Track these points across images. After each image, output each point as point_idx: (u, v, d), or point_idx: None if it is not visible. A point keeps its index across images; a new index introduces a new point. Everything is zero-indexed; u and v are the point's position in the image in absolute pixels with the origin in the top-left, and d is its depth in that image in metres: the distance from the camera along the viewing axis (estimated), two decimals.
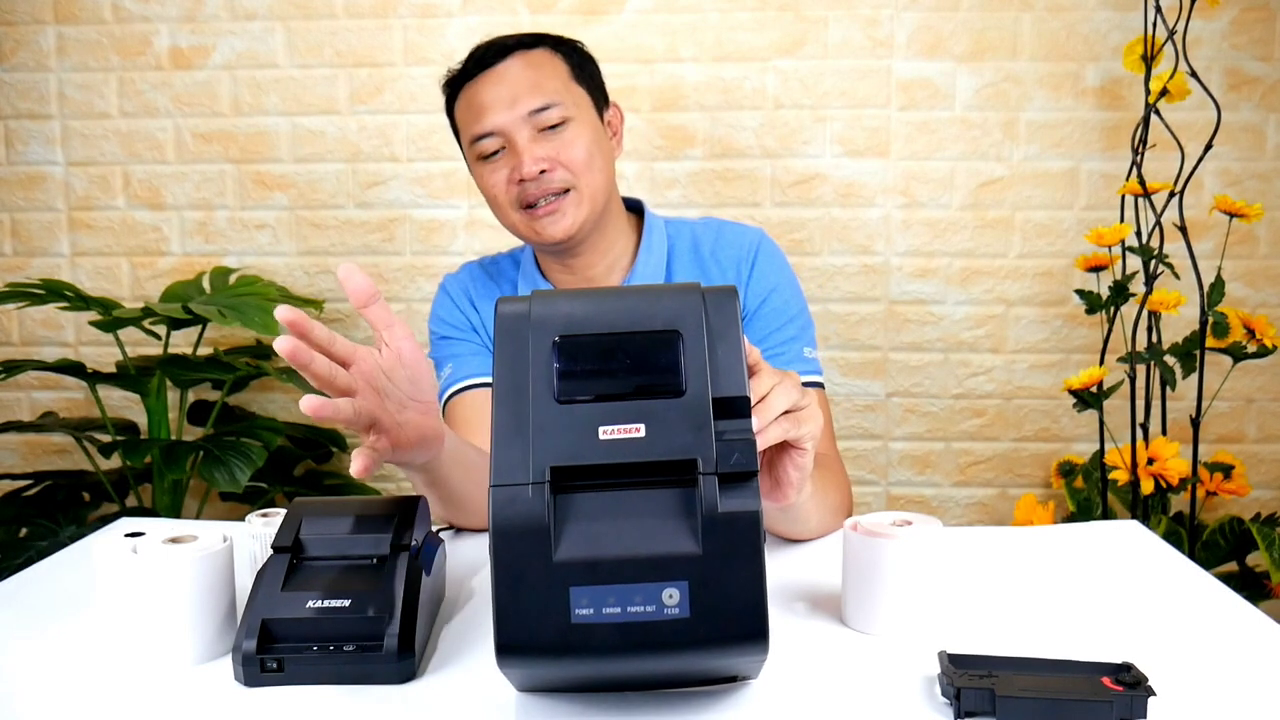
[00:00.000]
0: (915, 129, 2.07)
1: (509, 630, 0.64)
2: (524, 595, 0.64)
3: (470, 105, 1.25)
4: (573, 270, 1.33)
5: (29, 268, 2.18)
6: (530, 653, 0.64)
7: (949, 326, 2.12)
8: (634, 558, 0.64)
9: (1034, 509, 1.93)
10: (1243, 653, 0.79)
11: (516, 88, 1.22)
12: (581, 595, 0.63)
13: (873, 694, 0.72)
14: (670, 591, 0.63)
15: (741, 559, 0.64)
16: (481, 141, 1.24)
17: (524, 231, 1.26)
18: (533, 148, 1.21)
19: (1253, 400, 2.11)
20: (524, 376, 0.68)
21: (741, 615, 0.64)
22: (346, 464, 2.22)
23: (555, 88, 1.24)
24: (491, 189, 1.25)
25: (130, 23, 2.11)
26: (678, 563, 0.64)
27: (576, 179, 1.23)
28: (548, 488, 0.64)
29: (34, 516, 1.89)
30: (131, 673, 0.76)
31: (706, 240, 1.35)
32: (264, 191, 2.15)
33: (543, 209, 1.23)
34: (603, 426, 0.66)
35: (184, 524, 1.11)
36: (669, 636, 0.63)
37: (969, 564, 1.00)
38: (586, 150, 1.24)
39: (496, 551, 0.64)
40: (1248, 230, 2.06)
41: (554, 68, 1.26)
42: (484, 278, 1.40)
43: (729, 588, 0.63)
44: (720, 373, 0.68)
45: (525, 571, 0.64)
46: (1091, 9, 2.03)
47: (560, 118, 1.23)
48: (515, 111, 1.22)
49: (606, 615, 0.63)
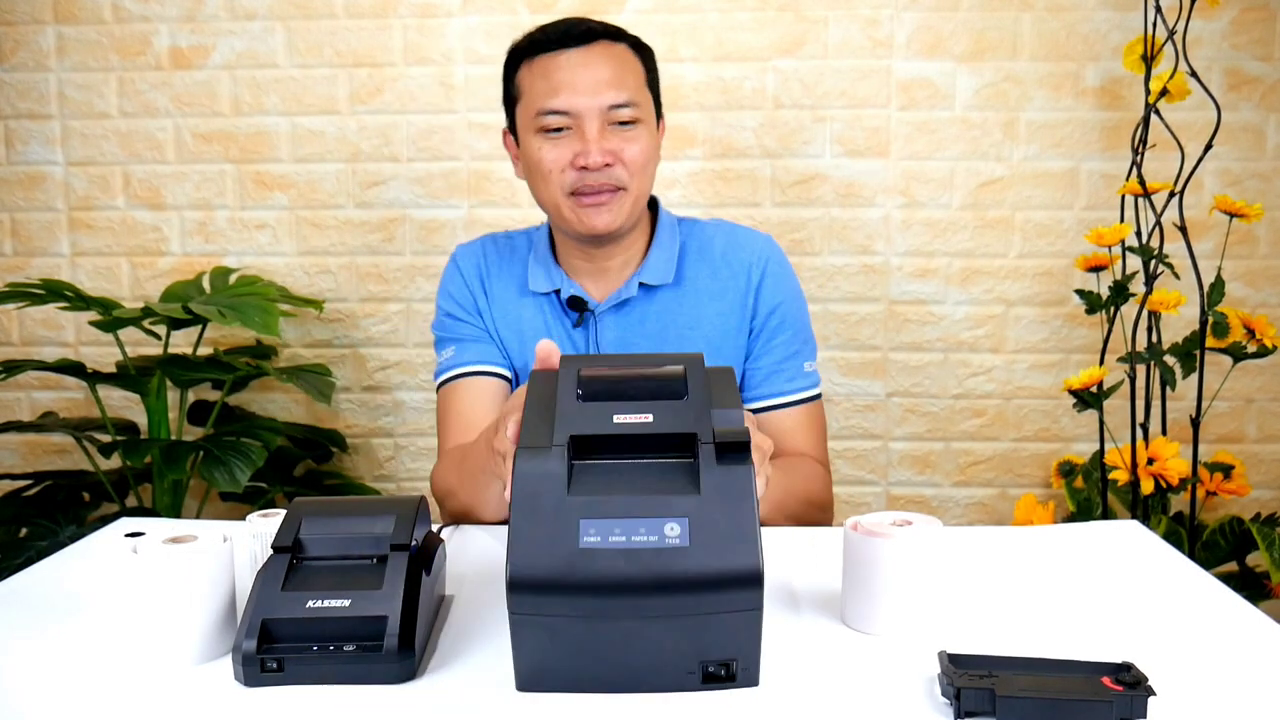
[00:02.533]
0: (915, 129, 2.07)
1: (520, 555, 0.69)
2: (537, 527, 0.70)
3: (548, 77, 1.25)
4: (591, 259, 1.34)
5: (29, 268, 2.18)
6: (539, 576, 0.69)
7: (949, 326, 2.12)
8: (639, 498, 0.72)
9: (1034, 509, 1.93)
10: (1243, 653, 0.79)
11: (601, 76, 1.23)
12: (590, 526, 0.70)
13: (873, 694, 0.72)
14: (672, 525, 0.70)
15: (737, 501, 0.71)
16: (551, 116, 1.24)
17: (565, 214, 1.27)
18: (602, 140, 1.23)
19: (1253, 400, 2.11)
20: (551, 392, 0.80)
21: (737, 544, 0.70)
22: (347, 464, 2.22)
23: (635, 87, 1.26)
24: (545, 163, 1.25)
25: (130, 23, 2.11)
26: (679, 503, 0.71)
27: (631, 180, 1.25)
28: (567, 450, 0.74)
29: (34, 516, 1.89)
30: (131, 673, 0.76)
31: (718, 242, 1.36)
32: (264, 191, 2.15)
33: (590, 199, 1.24)
34: (617, 415, 0.77)
35: (184, 524, 1.11)
36: (669, 558, 0.69)
37: (969, 564, 0.99)
38: (645, 154, 1.26)
39: (516, 494, 0.72)
40: (1248, 230, 2.06)
41: (634, 68, 1.28)
42: (496, 253, 1.40)
43: (726, 524, 0.70)
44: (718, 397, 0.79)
45: (540, 508, 0.71)
46: (1091, 9, 2.03)
47: (632, 117, 1.25)
48: (596, 100, 1.23)
49: (612, 543, 0.70)
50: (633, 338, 1.33)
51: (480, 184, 2.13)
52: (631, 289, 1.32)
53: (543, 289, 1.35)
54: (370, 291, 2.17)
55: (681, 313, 1.33)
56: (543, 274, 1.35)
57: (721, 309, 1.33)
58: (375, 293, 2.17)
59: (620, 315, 1.33)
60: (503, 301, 1.36)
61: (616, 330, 1.33)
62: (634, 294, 1.32)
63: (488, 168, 2.12)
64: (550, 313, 1.35)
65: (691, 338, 1.32)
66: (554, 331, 1.34)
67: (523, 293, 1.36)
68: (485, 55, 2.09)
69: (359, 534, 0.81)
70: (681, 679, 0.72)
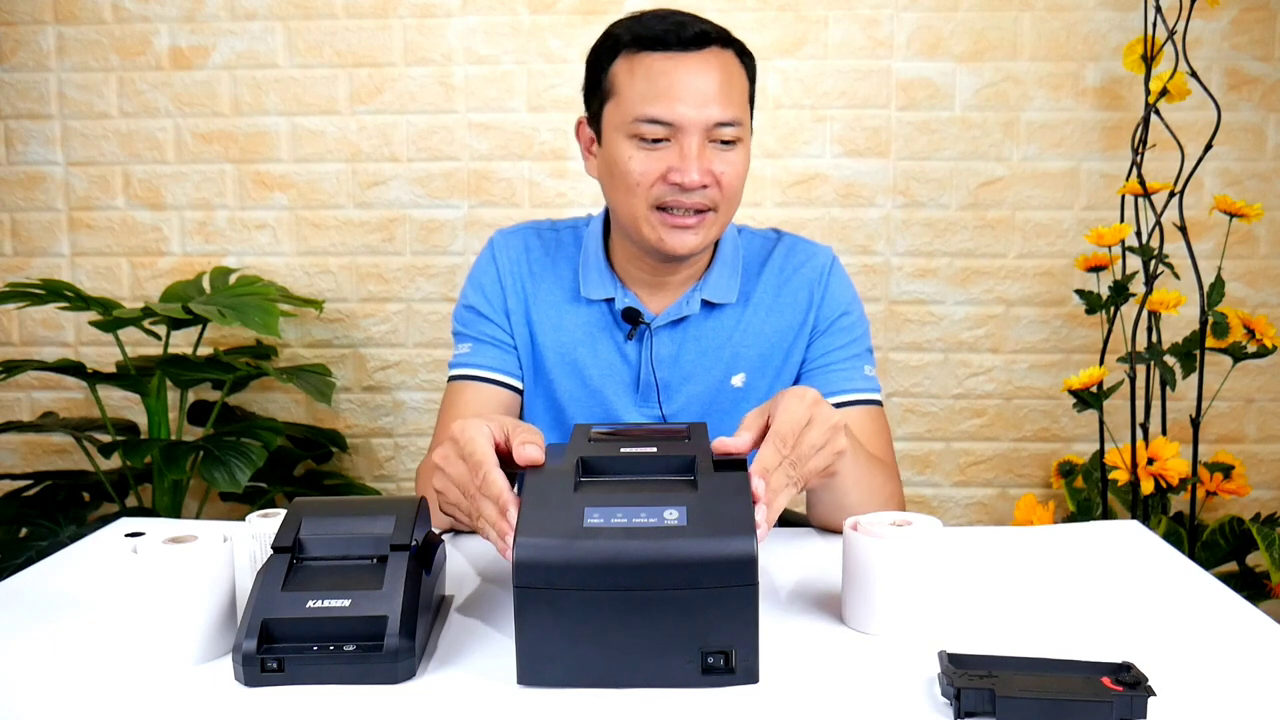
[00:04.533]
0: (915, 129, 2.07)
1: (526, 533, 0.73)
2: (544, 512, 0.75)
3: (651, 80, 1.13)
4: (654, 273, 1.25)
5: (29, 268, 2.18)
6: (543, 554, 0.72)
7: (949, 326, 2.12)
8: (641, 490, 0.77)
9: (1034, 509, 1.93)
10: (1243, 653, 0.79)
11: (711, 89, 1.13)
12: (594, 511, 0.75)
13: (873, 694, 0.72)
14: (671, 511, 0.74)
15: (734, 493, 0.76)
16: (651, 125, 1.13)
17: (644, 229, 1.17)
18: (702, 158, 1.13)
19: (1253, 400, 2.11)
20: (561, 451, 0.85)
21: (733, 523, 0.74)
22: (347, 464, 2.22)
23: (740, 104, 1.17)
24: (635, 174, 1.15)
25: (130, 23, 2.11)
26: (679, 495, 0.76)
27: (724, 203, 1.17)
28: (576, 469, 0.80)
29: (34, 516, 1.89)
30: (131, 673, 0.76)
31: (778, 257, 1.29)
32: (264, 191, 2.15)
33: (678, 219, 1.15)
34: (624, 447, 0.84)
35: (184, 524, 1.11)
36: (668, 533, 0.73)
37: (969, 564, 1.00)
38: (741, 177, 1.18)
39: (525, 490, 0.77)
40: (1248, 230, 2.06)
41: (740, 82, 1.18)
42: (542, 249, 1.31)
43: (723, 509, 0.75)
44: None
45: (547, 499, 0.76)
46: (1091, 9, 2.03)
47: (735, 136, 1.15)
48: (703, 115, 1.13)
49: (614, 523, 0.74)
50: (687, 355, 1.26)
51: (480, 184, 2.13)
52: (693, 305, 1.24)
53: (596, 296, 1.26)
54: (370, 291, 2.17)
55: (739, 330, 1.26)
56: (596, 280, 1.26)
57: (780, 326, 1.27)
58: (375, 293, 2.17)
59: (676, 331, 1.26)
60: (548, 304, 1.28)
61: (670, 346, 1.26)
62: (694, 311, 1.24)
63: (488, 168, 2.12)
64: (600, 322, 1.27)
65: (746, 355, 1.26)
66: (603, 342, 1.26)
67: (573, 298, 1.27)
68: (485, 55, 2.09)
69: (359, 534, 0.81)
70: (681, 670, 0.72)
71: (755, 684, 0.73)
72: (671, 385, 1.25)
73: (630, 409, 1.26)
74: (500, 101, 2.11)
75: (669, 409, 1.25)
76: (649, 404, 1.25)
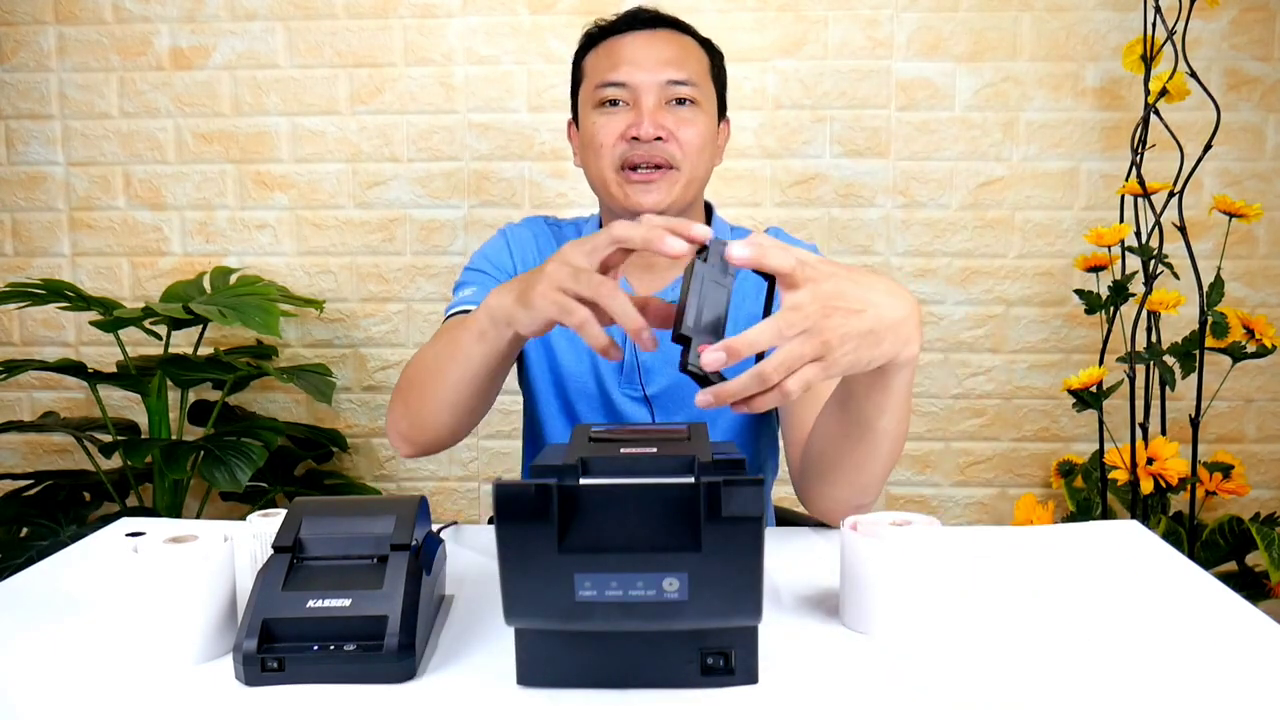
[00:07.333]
0: (915, 129, 2.07)
1: (516, 610, 0.70)
2: (530, 580, 0.69)
3: (610, 54, 1.26)
4: (643, 254, 1.30)
5: (30, 268, 2.19)
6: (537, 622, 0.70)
7: (949, 326, 2.12)
8: (635, 550, 0.69)
9: (1034, 509, 1.93)
10: (1243, 653, 0.79)
11: (663, 54, 1.23)
12: (585, 580, 0.69)
13: (871, 694, 0.72)
14: (670, 580, 0.69)
15: (741, 555, 0.69)
16: (609, 89, 1.23)
17: (613, 190, 1.24)
18: (656, 113, 1.21)
19: (1252, 400, 2.11)
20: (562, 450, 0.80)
21: (738, 596, 0.69)
22: (347, 464, 2.22)
23: (696, 71, 1.25)
24: (598, 136, 1.23)
25: (130, 23, 2.11)
26: (679, 558, 0.69)
27: (683, 159, 1.23)
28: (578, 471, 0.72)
29: (34, 516, 1.89)
30: (131, 673, 0.77)
31: None
32: (264, 191, 2.15)
33: (640, 175, 1.22)
34: (624, 448, 0.78)
35: (184, 524, 1.11)
36: (667, 610, 0.69)
37: (969, 564, 1.00)
38: (701, 137, 1.24)
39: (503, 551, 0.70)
40: (1247, 230, 2.06)
41: (698, 55, 1.28)
42: (548, 237, 1.37)
43: (727, 579, 0.69)
44: None
45: (530, 563, 0.69)
46: (1091, 9, 2.03)
47: (690, 96, 1.23)
48: (654, 75, 1.22)
49: (609, 596, 0.69)
50: None
51: (480, 184, 2.13)
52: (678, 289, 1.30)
53: None
54: (370, 291, 2.17)
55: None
56: None
57: (760, 312, 1.29)
58: (375, 293, 2.17)
59: None
60: None
61: None
62: None
63: (488, 168, 2.12)
64: None
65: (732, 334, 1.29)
66: None
67: None
68: (485, 55, 2.09)
69: (359, 534, 0.81)
70: (680, 670, 0.73)
71: (754, 684, 0.73)
72: (654, 368, 1.28)
73: (615, 389, 1.29)
74: (500, 102, 2.11)
75: (651, 390, 1.28)
76: (632, 386, 1.28)
